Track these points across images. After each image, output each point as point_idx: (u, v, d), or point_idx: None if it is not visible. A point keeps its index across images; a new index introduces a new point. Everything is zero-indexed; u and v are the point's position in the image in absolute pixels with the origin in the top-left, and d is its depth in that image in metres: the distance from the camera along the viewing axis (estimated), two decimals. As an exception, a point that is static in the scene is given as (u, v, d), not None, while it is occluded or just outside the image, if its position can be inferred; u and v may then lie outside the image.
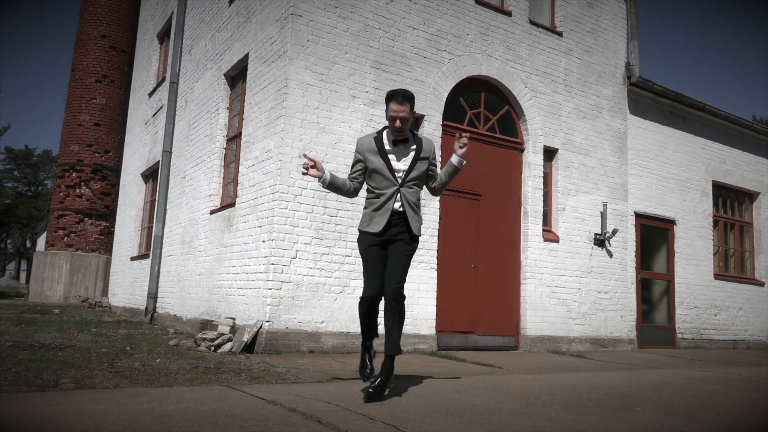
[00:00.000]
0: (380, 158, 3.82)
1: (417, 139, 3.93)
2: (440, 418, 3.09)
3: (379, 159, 3.83)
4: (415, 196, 3.88)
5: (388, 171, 3.82)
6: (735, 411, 3.81)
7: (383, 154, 3.83)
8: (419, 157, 3.87)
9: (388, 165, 3.82)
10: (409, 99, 3.80)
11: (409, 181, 3.85)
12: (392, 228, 3.80)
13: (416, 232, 3.85)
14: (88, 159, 15.86)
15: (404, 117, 3.77)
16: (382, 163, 3.82)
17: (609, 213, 8.99)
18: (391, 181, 3.82)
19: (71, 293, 15.26)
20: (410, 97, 3.81)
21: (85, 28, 16.38)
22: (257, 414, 2.97)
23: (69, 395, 3.32)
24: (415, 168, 3.85)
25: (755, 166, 11.84)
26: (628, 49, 9.71)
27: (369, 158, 3.86)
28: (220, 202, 8.14)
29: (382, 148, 3.85)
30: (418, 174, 3.87)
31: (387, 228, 3.79)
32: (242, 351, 5.85)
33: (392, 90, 3.85)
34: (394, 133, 3.83)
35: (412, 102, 3.83)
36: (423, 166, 3.89)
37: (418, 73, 7.32)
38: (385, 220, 3.78)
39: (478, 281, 7.69)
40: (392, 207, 3.80)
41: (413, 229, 3.82)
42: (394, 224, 3.81)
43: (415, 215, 3.86)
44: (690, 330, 10.15)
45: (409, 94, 3.80)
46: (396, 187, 3.82)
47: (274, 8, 6.93)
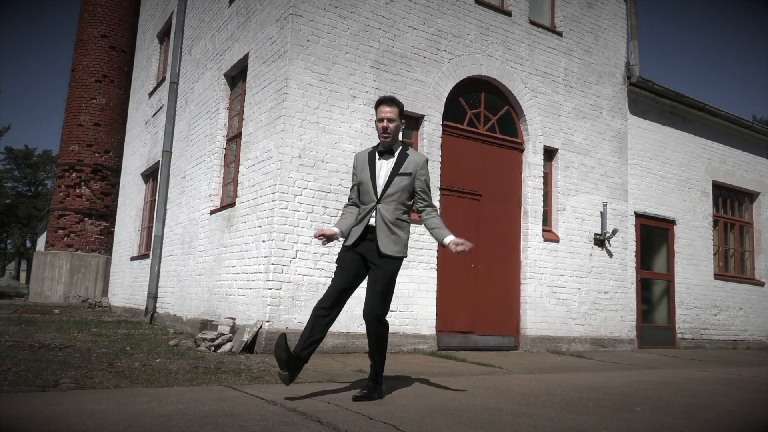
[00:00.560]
0: (367, 172, 3.71)
1: (403, 153, 3.74)
2: (440, 418, 3.09)
3: (366, 173, 3.72)
4: (393, 214, 3.63)
5: (371, 185, 3.68)
6: (735, 411, 3.81)
7: (371, 167, 3.72)
8: (397, 172, 3.66)
9: (372, 178, 3.69)
10: (398, 104, 3.72)
11: (387, 198, 3.64)
12: (367, 243, 3.63)
13: (384, 249, 3.57)
14: (88, 159, 15.86)
15: (391, 117, 3.67)
16: (368, 177, 3.70)
17: (609, 213, 9.00)
18: (371, 195, 3.67)
19: (71, 293, 15.26)
20: (399, 103, 3.74)
21: (85, 28, 16.38)
22: (257, 414, 2.98)
23: (69, 395, 3.32)
24: (391, 184, 3.65)
25: (755, 166, 11.84)
26: (628, 49, 9.71)
27: (360, 170, 3.76)
28: (220, 202, 8.14)
29: (372, 161, 3.73)
30: (397, 190, 3.65)
31: (360, 241, 3.63)
32: (242, 351, 5.85)
33: (381, 96, 3.79)
34: (381, 138, 3.72)
35: (402, 108, 3.74)
36: (403, 182, 3.66)
37: (418, 73, 7.32)
38: (358, 234, 3.63)
39: (478, 281, 7.69)
40: (367, 222, 3.65)
41: (380, 247, 3.57)
42: (369, 239, 3.63)
43: (389, 233, 3.60)
44: (690, 330, 10.15)
45: (399, 101, 3.74)
46: (373, 203, 3.65)
47: (274, 8, 6.93)
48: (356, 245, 3.64)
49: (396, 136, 3.75)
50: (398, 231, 3.64)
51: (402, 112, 3.76)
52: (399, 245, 3.64)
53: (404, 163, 3.70)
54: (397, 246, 3.62)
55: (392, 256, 3.59)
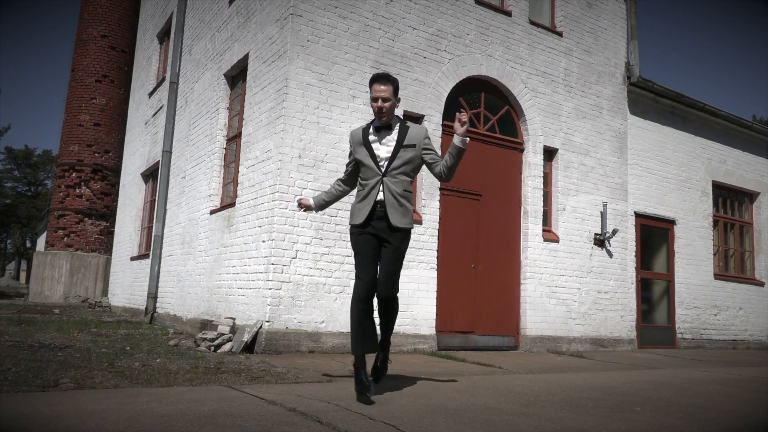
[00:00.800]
0: (364, 148, 3.73)
1: (403, 126, 3.76)
2: (440, 418, 3.09)
3: (363, 149, 3.73)
4: (400, 187, 3.67)
5: (371, 160, 3.69)
6: (735, 411, 3.81)
7: (366, 143, 3.73)
8: (402, 144, 3.69)
9: (371, 154, 3.70)
10: (393, 81, 3.70)
11: (393, 170, 3.67)
12: (377, 221, 3.65)
13: (396, 223, 3.62)
14: (88, 159, 15.86)
15: (386, 97, 3.65)
16: (366, 153, 3.71)
17: (609, 213, 9.00)
18: (374, 170, 3.68)
19: (71, 293, 15.26)
20: (394, 80, 3.71)
21: (85, 28, 16.38)
22: (257, 414, 2.97)
23: (69, 395, 3.32)
24: (397, 156, 3.67)
25: (755, 166, 11.84)
26: (628, 49, 9.71)
27: (356, 149, 3.78)
28: (220, 202, 8.14)
29: (366, 137, 3.74)
30: (403, 162, 3.68)
31: (370, 219, 3.65)
32: (242, 351, 5.85)
33: (375, 73, 3.76)
34: (376, 116, 3.71)
35: (396, 85, 3.72)
36: (408, 154, 3.69)
37: (418, 73, 7.32)
38: (368, 211, 3.63)
39: (478, 281, 7.69)
40: (375, 197, 3.65)
41: (392, 220, 3.61)
42: (378, 216, 3.65)
43: (399, 206, 3.65)
44: (690, 330, 10.15)
45: (393, 78, 3.72)
46: (379, 176, 3.67)
47: (274, 8, 6.93)
48: (366, 224, 3.65)
49: (392, 114, 3.73)
50: (406, 203, 3.69)
51: (397, 89, 3.73)
52: (408, 217, 3.70)
53: (407, 135, 3.71)
54: (406, 218, 3.68)
55: (403, 229, 3.66)
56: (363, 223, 3.65)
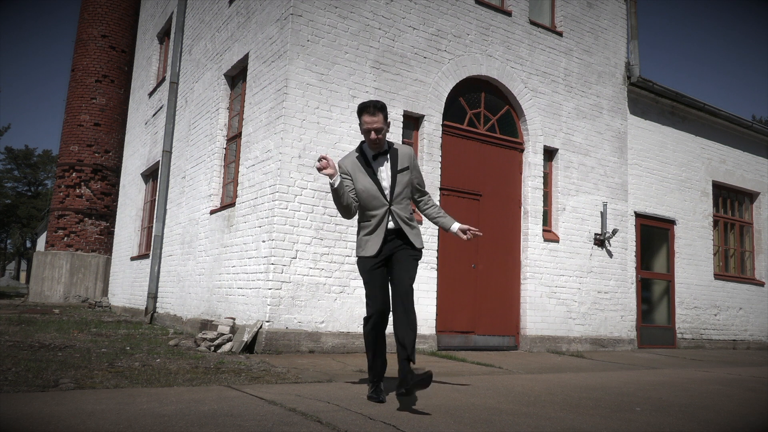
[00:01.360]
0: (368, 178, 3.63)
1: (392, 150, 3.71)
2: (440, 418, 3.08)
3: (367, 178, 3.63)
4: (407, 211, 3.70)
5: (377, 189, 3.62)
6: (735, 411, 3.81)
7: (371, 173, 3.64)
8: (397, 170, 3.67)
9: (376, 183, 3.63)
10: (381, 109, 3.61)
11: (397, 197, 3.66)
12: (388, 244, 3.63)
13: (418, 245, 3.68)
14: (88, 159, 15.86)
15: (378, 128, 3.58)
16: (371, 183, 3.62)
17: (609, 213, 9.00)
18: (381, 200, 3.63)
19: (71, 293, 15.26)
20: (382, 107, 3.62)
21: (85, 28, 16.38)
22: (257, 414, 2.97)
23: (69, 395, 3.32)
24: (398, 183, 3.66)
25: (755, 166, 11.84)
26: (628, 49, 9.71)
27: (357, 176, 3.65)
28: (220, 202, 8.14)
29: (368, 165, 3.65)
30: (403, 187, 3.69)
31: (383, 246, 3.61)
32: (242, 351, 5.85)
33: (362, 102, 3.66)
34: (371, 146, 3.65)
35: (385, 112, 3.64)
36: (404, 178, 3.69)
37: (418, 73, 7.32)
38: (380, 242, 3.60)
39: (478, 281, 7.69)
40: (386, 227, 3.63)
41: (415, 244, 3.66)
42: (389, 240, 3.63)
43: (411, 230, 3.67)
44: (690, 330, 10.15)
45: (381, 104, 3.62)
46: (386, 206, 3.64)
47: (274, 8, 6.93)
48: (379, 252, 3.60)
49: (385, 142, 3.69)
50: (414, 224, 3.74)
51: (386, 115, 3.66)
52: (420, 237, 3.77)
53: (398, 159, 3.70)
54: (420, 239, 3.75)
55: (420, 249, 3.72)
56: (377, 253, 3.60)
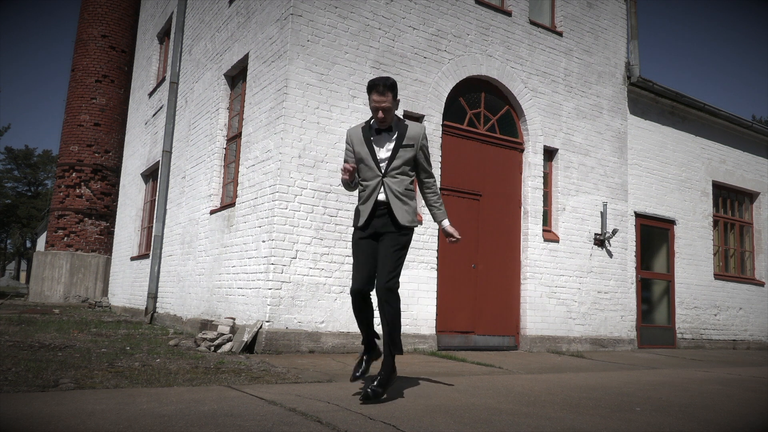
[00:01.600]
0: (366, 147, 3.70)
1: (401, 125, 3.74)
2: (440, 418, 3.08)
3: (365, 148, 3.70)
4: (401, 186, 3.67)
5: (372, 160, 3.68)
6: (735, 411, 3.81)
7: (368, 143, 3.70)
8: (401, 144, 3.68)
9: (372, 153, 3.68)
10: (391, 88, 3.63)
11: (393, 170, 3.66)
12: (377, 219, 3.65)
13: (402, 221, 3.62)
14: (88, 159, 15.86)
15: (386, 107, 3.62)
16: (367, 152, 3.69)
17: (609, 213, 9.00)
18: (375, 171, 3.67)
19: (71, 293, 15.26)
20: (392, 85, 3.63)
21: (85, 28, 16.38)
22: (257, 414, 2.97)
23: (69, 395, 3.32)
24: (397, 156, 3.67)
25: (755, 166, 11.84)
26: (628, 49, 9.71)
27: (356, 146, 3.73)
28: (220, 202, 8.14)
29: (368, 137, 3.71)
30: (403, 162, 3.68)
31: (371, 219, 3.65)
32: (242, 351, 5.85)
33: (372, 79, 3.67)
34: (378, 124, 3.70)
35: (395, 90, 3.66)
36: (407, 153, 3.69)
37: (418, 73, 7.32)
38: (368, 212, 3.64)
39: (478, 281, 7.69)
40: (376, 198, 3.65)
41: (399, 219, 3.62)
42: (379, 215, 3.65)
43: (402, 205, 3.64)
44: (690, 330, 10.15)
45: (390, 82, 3.63)
46: (379, 177, 3.66)
47: (274, 8, 6.93)
48: (366, 226, 3.65)
49: (392, 119, 3.71)
50: (409, 201, 3.69)
51: (396, 93, 3.67)
52: (411, 215, 3.69)
53: (405, 135, 3.70)
54: (410, 215, 3.68)
55: (407, 227, 3.66)
56: (364, 225, 3.66)
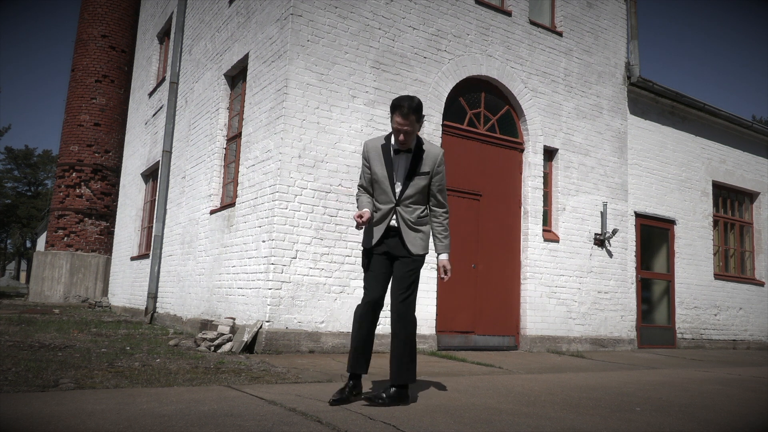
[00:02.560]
0: (384, 169, 3.56)
1: (419, 150, 3.57)
2: (440, 418, 3.08)
3: (383, 169, 3.56)
4: (413, 214, 3.57)
5: (389, 185, 3.55)
6: (735, 411, 3.81)
7: (388, 166, 3.56)
8: (416, 172, 3.55)
9: (390, 177, 3.56)
10: (416, 110, 3.45)
11: (406, 200, 3.56)
12: (390, 239, 3.57)
13: (414, 251, 3.55)
14: (88, 159, 15.86)
15: (408, 131, 3.46)
16: (385, 176, 3.56)
17: (609, 213, 9.00)
18: (390, 196, 3.56)
19: (71, 293, 15.26)
20: (417, 107, 3.45)
21: (85, 28, 16.38)
22: (257, 414, 2.97)
23: (69, 395, 3.32)
24: (411, 185, 3.55)
25: (755, 166, 11.84)
26: (628, 49, 9.71)
27: (374, 164, 3.58)
28: (220, 202, 8.14)
29: (388, 159, 3.56)
30: (415, 192, 3.56)
31: (382, 240, 3.56)
32: (242, 351, 5.85)
33: (398, 99, 3.48)
34: (398, 144, 3.54)
35: (419, 113, 3.48)
36: (422, 182, 3.56)
37: (418, 73, 7.32)
38: (380, 235, 3.55)
39: (478, 281, 7.69)
40: (388, 224, 3.57)
41: (410, 248, 3.54)
42: (391, 236, 3.58)
43: (415, 233, 3.56)
44: (690, 330, 10.15)
45: (416, 104, 3.45)
46: (392, 205, 3.56)
47: (274, 8, 6.93)
48: (379, 243, 3.57)
49: (413, 140, 3.57)
50: (422, 228, 3.61)
51: (420, 115, 3.50)
52: (424, 241, 3.63)
53: (422, 161, 3.56)
54: (423, 242, 3.62)
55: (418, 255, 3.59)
56: (376, 244, 3.57)
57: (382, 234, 3.56)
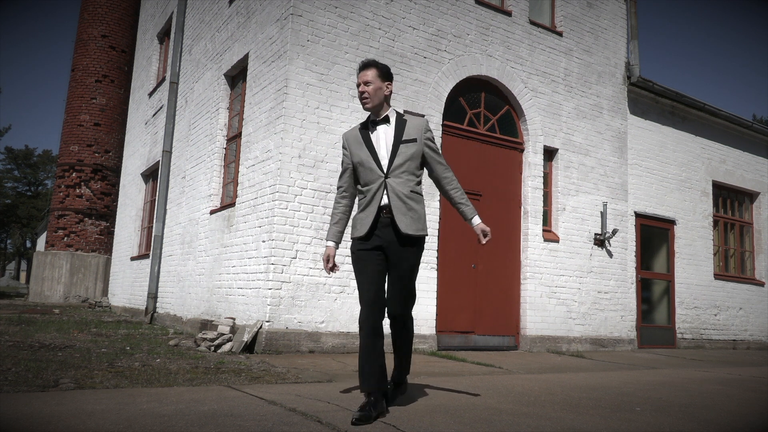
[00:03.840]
0: (365, 147, 3.29)
1: (400, 119, 3.34)
2: (440, 418, 3.08)
3: (363, 149, 3.29)
4: (406, 187, 3.22)
5: (373, 160, 3.25)
6: (735, 411, 3.81)
7: (368, 142, 3.29)
8: (401, 140, 3.26)
9: (372, 153, 3.26)
10: (377, 65, 3.31)
11: (396, 169, 3.23)
12: (382, 230, 3.21)
13: (406, 230, 3.17)
14: (88, 159, 15.86)
15: (368, 80, 3.27)
16: (367, 153, 3.27)
17: (609, 213, 9.00)
18: (377, 172, 3.24)
19: (71, 293, 15.26)
20: (379, 64, 3.33)
21: (85, 28, 16.38)
22: (257, 414, 2.97)
23: (69, 395, 3.32)
24: (399, 153, 3.24)
25: (755, 166, 11.84)
26: (628, 49, 9.71)
27: (354, 149, 3.32)
28: (220, 202, 8.14)
29: (366, 136, 3.31)
30: (405, 159, 3.24)
31: (374, 228, 3.20)
32: (242, 351, 5.85)
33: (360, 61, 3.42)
34: (363, 106, 3.32)
35: (382, 69, 3.31)
36: (410, 149, 3.26)
37: (418, 73, 7.32)
38: (371, 220, 3.19)
39: (478, 281, 7.69)
40: (379, 202, 3.20)
41: (400, 227, 3.16)
42: (383, 224, 3.21)
43: (406, 210, 3.19)
44: (690, 330, 10.15)
45: (372, 61, 3.34)
46: (381, 178, 3.23)
47: (274, 8, 6.93)
48: (369, 236, 3.20)
49: (378, 100, 3.30)
50: (415, 206, 3.23)
51: (384, 73, 3.32)
52: (419, 222, 3.24)
53: (405, 129, 3.31)
54: (417, 223, 3.22)
55: (414, 236, 3.21)
56: (366, 234, 3.20)
57: (372, 222, 3.20)
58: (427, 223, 3.34)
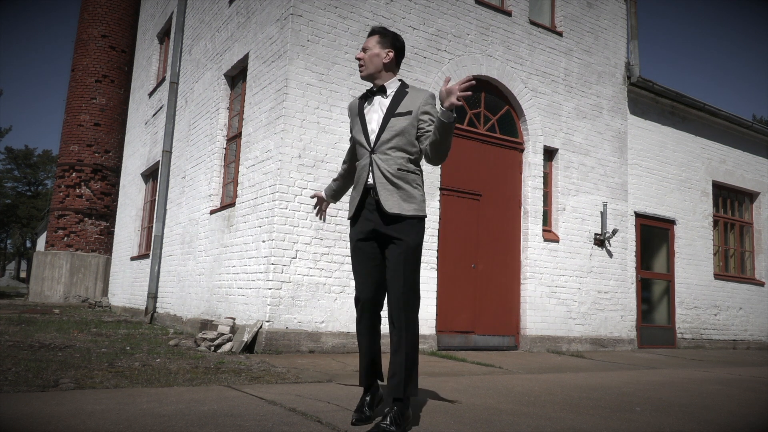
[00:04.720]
0: (358, 118, 3.00)
1: (400, 90, 2.96)
2: (440, 418, 3.08)
3: (357, 120, 3.01)
4: (393, 165, 2.84)
5: (362, 133, 2.95)
6: (735, 411, 3.81)
7: (361, 113, 3.00)
8: (393, 112, 2.88)
9: (363, 125, 2.96)
10: (379, 31, 3.01)
11: (383, 145, 2.86)
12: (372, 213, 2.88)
13: (390, 208, 2.79)
14: (88, 159, 15.86)
15: (366, 47, 2.99)
16: (359, 124, 2.99)
17: (609, 213, 9.00)
18: (365, 146, 2.93)
19: (71, 293, 15.26)
20: (382, 30, 3.02)
21: (85, 28, 16.38)
22: (257, 414, 2.97)
23: (69, 395, 3.32)
24: (387, 127, 2.87)
25: (755, 166, 11.84)
26: (628, 49, 9.71)
27: (353, 120, 3.08)
28: (220, 202, 8.14)
29: (361, 107, 3.02)
30: (394, 135, 2.86)
31: (360, 211, 2.92)
32: (242, 351, 5.85)
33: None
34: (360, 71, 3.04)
35: (383, 34, 3.00)
36: (401, 123, 2.86)
37: (418, 73, 7.32)
38: (357, 201, 2.91)
39: (478, 281, 7.69)
40: (365, 182, 2.90)
41: (384, 206, 2.80)
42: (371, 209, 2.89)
43: (394, 189, 2.83)
44: (690, 330, 10.15)
45: (380, 28, 3.03)
46: (368, 154, 2.91)
47: (274, 8, 6.93)
48: (357, 217, 2.94)
49: (374, 68, 2.98)
50: (404, 185, 2.84)
51: (386, 39, 2.99)
52: (411, 202, 2.85)
53: (402, 101, 2.92)
54: (407, 203, 2.83)
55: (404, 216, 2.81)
56: (354, 215, 2.95)
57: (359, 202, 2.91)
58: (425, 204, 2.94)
